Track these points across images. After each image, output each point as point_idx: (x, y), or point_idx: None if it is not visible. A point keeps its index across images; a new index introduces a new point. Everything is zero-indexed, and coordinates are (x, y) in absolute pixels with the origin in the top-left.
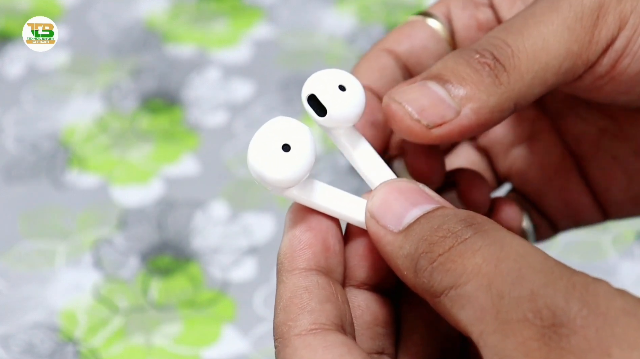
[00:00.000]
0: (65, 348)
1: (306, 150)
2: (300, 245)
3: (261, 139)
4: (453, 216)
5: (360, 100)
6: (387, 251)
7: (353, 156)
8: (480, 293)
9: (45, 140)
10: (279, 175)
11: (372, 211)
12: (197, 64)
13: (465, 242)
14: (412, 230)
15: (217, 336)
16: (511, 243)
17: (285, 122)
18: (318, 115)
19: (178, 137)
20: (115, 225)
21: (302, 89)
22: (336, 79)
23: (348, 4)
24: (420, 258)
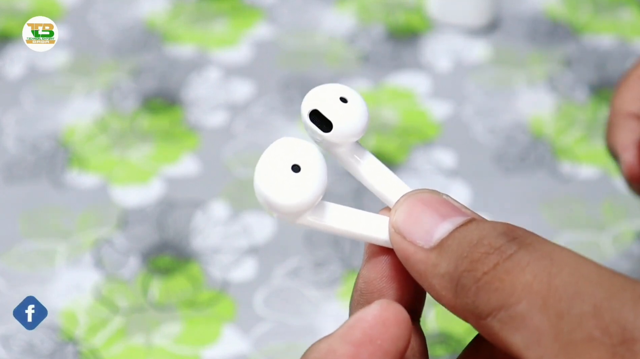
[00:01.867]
0: (66, 348)
1: (318, 170)
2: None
3: (268, 161)
4: (491, 229)
5: (364, 111)
6: (420, 270)
7: (362, 173)
8: (535, 313)
9: (45, 140)
10: (291, 199)
11: (398, 227)
12: (197, 64)
13: (511, 258)
14: (446, 246)
15: (217, 336)
16: (561, 256)
17: (293, 141)
18: (323, 131)
19: (178, 137)
20: (115, 225)
21: (302, 107)
22: (336, 92)
23: (348, 4)
24: (461, 277)
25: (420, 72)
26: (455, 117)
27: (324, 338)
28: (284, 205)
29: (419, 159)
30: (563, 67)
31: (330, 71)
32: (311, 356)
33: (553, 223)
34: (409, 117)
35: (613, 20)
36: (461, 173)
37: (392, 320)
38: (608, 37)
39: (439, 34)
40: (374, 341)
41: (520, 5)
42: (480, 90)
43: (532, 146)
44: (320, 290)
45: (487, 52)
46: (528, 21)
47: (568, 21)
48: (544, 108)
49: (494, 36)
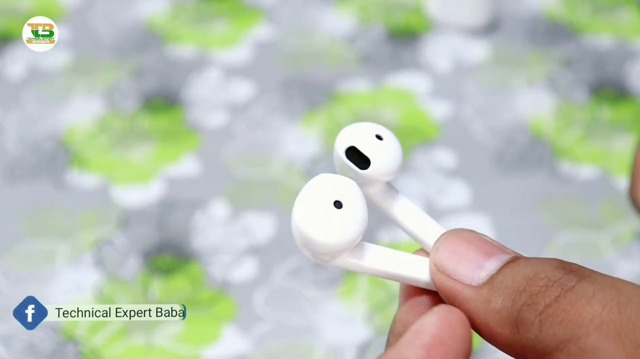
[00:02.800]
0: (66, 347)
1: (360, 207)
2: None
3: (309, 196)
4: (545, 263)
5: (399, 150)
6: (471, 308)
7: (396, 213)
8: (609, 344)
9: (46, 141)
10: (333, 237)
11: (442, 265)
12: (198, 65)
13: (573, 290)
14: (498, 281)
15: (217, 335)
16: (625, 286)
17: (334, 177)
18: (360, 169)
19: (178, 137)
20: (115, 224)
21: (337, 143)
22: (372, 130)
23: (348, 5)
24: (521, 311)
25: (420, 72)
26: (455, 117)
27: (388, 350)
28: (324, 244)
29: (419, 159)
30: (562, 67)
31: (330, 71)
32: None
33: (552, 223)
34: (409, 117)
35: (612, 21)
36: (461, 173)
37: (457, 321)
38: (607, 37)
39: (438, 34)
40: (444, 343)
41: (520, 5)
42: (480, 91)
43: (531, 146)
44: (320, 290)
45: (486, 52)
46: (528, 21)
47: (567, 21)
48: (544, 109)
49: (494, 36)
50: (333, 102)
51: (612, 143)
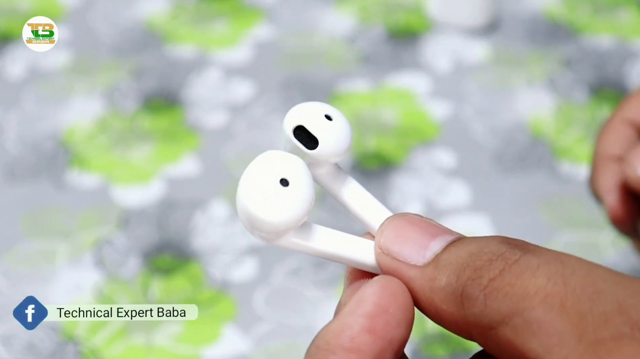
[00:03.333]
0: (66, 347)
1: (307, 186)
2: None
3: (255, 174)
4: (489, 240)
5: (348, 131)
6: (416, 287)
7: (344, 196)
8: (553, 316)
9: (46, 141)
10: (278, 216)
11: (387, 247)
12: (198, 65)
13: (518, 263)
14: (443, 259)
15: (217, 335)
16: (569, 258)
17: (281, 155)
18: (308, 149)
19: (178, 137)
20: (115, 224)
21: (285, 122)
22: (321, 110)
23: (348, 5)
24: (466, 286)
25: (420, 72)
26: (455, 117)
27: (332, 320)
28: (269, 222)
29: (419, 159)
30: (562, 67)
31: (330, 71)
32: (323, 339)
33: (552, 223)
34: (409, 117)
35: (612, 21)
36: (461, 173)
37: (398, 290)
38: (607, 37)
39: (438, 34)
40: (386, 311)
41: (520, 5)
42: (480, 91)
43: (531, 146)
44: (320, 289)
45: (486, 52)
46: (527, 21)
47: (567, 21)
48: (544, 109)
49: (494, 36)
50: (333, 102)
51: None
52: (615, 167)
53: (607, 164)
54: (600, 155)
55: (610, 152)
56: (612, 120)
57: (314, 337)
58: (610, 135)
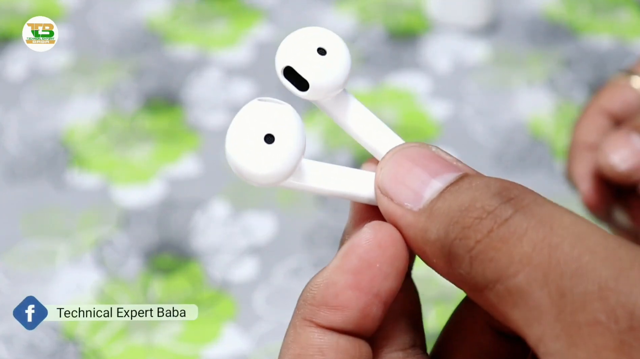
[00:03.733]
0: (67, 347)
1: (293, 139)
2: (335, 301)
3: (239, 129)
4: (484, 188)
5: (345, 61)
6: (409, 236)
7: (349, 124)
8: (535, 288)
9: (46, 141)
10: (265, 171)
11: (384, 188)
12: (198, 65)
13: (507, 224)
14: (436, 208)
15: (217, 335)
16: (561, 222)
17: (265, 106)
18: (299, 90)
19: (179, 137)
20: (116, 224)
21: (275, 60)
22: (313, 42)
23: (348, 5)
24: (453, 245)
25: (420, 73)
26: (455, 117)
27: (320, 272)
28: (256, 179)
29: None
30: (562, 67)
31: None
32: (310, 293)
33: None
34: (409, 117)
35: (611, 21)
36: None
37: (387, 241)
38: (607, 38)
39: (438, 35)
40: (372, 266)
41: (520, 5)
42: (480, 91)
43: (531, 146)
44: None
45: (486, 52)
46: (527, 22)
47: (567, 22)
48: (544, 109)
49: (494, 37)
50: None
51: None
52: (590, 155)
53: (582, 152)
54: (575, 144)
55: (585, 140)
56: (588, 109)
57: (304, 288)
58: (585, 124)
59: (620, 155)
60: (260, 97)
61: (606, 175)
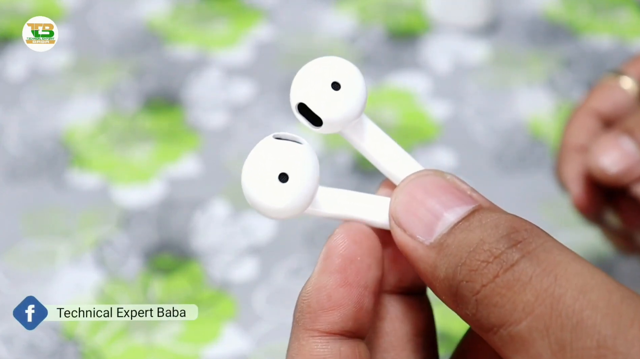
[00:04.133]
0: (67, 347)
1: (308, 176)
2: (330, 302)
3: (255, 168)
4: (493, 228)
5: (360, 95)
6: (420, 269)
7: (365, 149)
8: (536, 338)
9: (46, 141)
10: (279, 210)
11: (397, 218)
12: (198, 65)
13: (512, 270)
14: (446, 245)
15: (217, 335)
16: (566, 272)
17: (279, 145)
18: (313, 125)
19: (179, 137)
20: (116, 224)
21: (290, 95)
22: (327, 76)
23: (348, 5)
24: (460, 286)
25: (420, 73)
26: (455, 117)
27: (307, 282)
28: (270, 215)
29: (419, 159)
30: (562, 68)
31: None
32: (304, 303)
33: (552, 223)
34: (409, 117)
35: (611, 21)
36: (461, 173)
37: (360, 236)
38: (607, 38)
39: (438, 35)
40: (354, 260)
41: (520, 5)
42: (480, 91)
43: (531, 146)
44: None
45: (486, 52)
46: (527, 22)
47: (567, 22)
48: (543, 109)
49: (494, 37)
50: None
51: None
52: (580, 156)
53: (572, 154)
54: (565, 145)
55: (574, 141)
56: (578, 110)
57: (297, 300)
58: (575, 125)
59: (610, 158)
60: (276, 134)
61: (596, 177)
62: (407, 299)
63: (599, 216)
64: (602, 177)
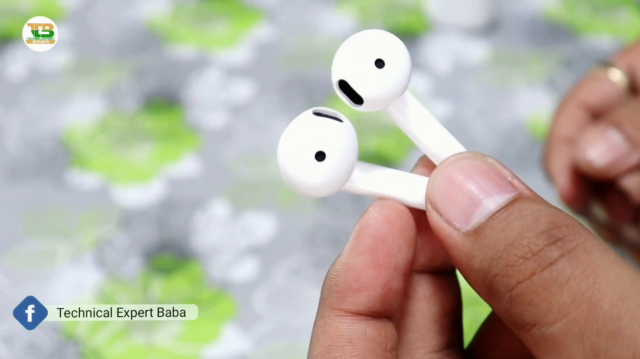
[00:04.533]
0: (67, 347)
1: (345, 156)
2: (358, 283)
3: (292, 144)
4: (533, 222)
5: (404, 73)
6: (455, 257)
7: (410, 129)
8: (569, 341)
9: (47, 141)
10: (316, 188)
11: (434, 202)
12: (198, 65)
13: (550, 268)
14: (483, 235)
15: (217, 335)
16: (606, 275)
17: (316, 121)
18: (354, 103)
19: (179, 137)
20: (116, 224)
21: (332, 70)
22: (372, 53)
23: (348, 5)
24: (494, 280)
25: (419, 73)
26: (455, 117)
27: (337, 259)
28: (308, 190)
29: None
30: (562, 67)
31: (330, 71)
32: (332, 281)
33: None
34: None
35: (611, 21)
36: None
37: (394, 215)
38: (607, 38)
39: (438, 35)
40: (385, 241)
41: (520, 5)
42: (480, 91)
43: (531, 146)
44: (320, 289)
45: (486, 52)
46: (527, 22)
47: (567, 22)
48: (543, 109)
49: (494, 37)
50: (333, 102)
51: None
52: (567, 148)
53: (559, 146)
54: (552, 137)
55: (562, 133)
56: (566, 102)
57: (326, 277)
58: (562, 117)
59: (597, 151)
60: (315, 108)
61: (583, 170)
62: (436, 279)
63: (585, 208)
64: (588, 169)
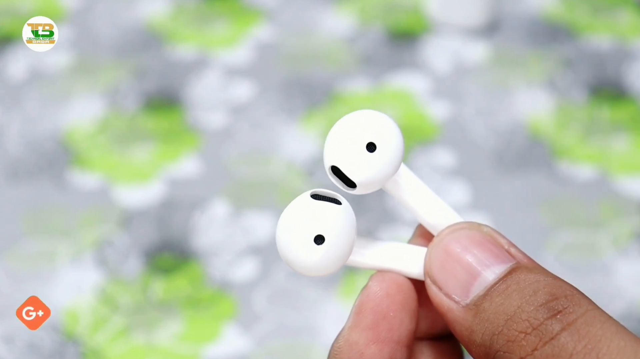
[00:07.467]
0: (67, 347)
1: (342, 239)
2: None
3: (290, 230)
4: (532, 295)
5: (396, 155)
6: (456, 331)
7: (405, 201)
8: None
9: (47, 141)
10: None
11: (432, 276)
12: (198, 65)
13: (551, 343)
14: (482, 309)
15: (217, 334)
16: (609, 349)
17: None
18: (348, 187)
19: (179, 137)
20: (116, 224)
21: (324, 156)
22: (362, 137)
23: (348, 5)
24: (497, 356)
25: (419, 73)
26: (455, 117)
27: (339, 334)
28: (307, 272)
29: (419, 159)
30: (562, 68)
31: (330, 72)
32: (336, 357)
33: (551, 223)
34: (409, 117)
35: (611, 21)
36: (461, 173)
37: (394, 289)
38: (606, 38)
39: (438, 35)
40: (386, 316)
41: (520, 6)
42: (480, 91)
43: (531, 146)
44: (320, 289)
45: (486, 52)
46: (527, 22)
47: (567, 22)
48: (543, 109)
49: (493, 37)
50: (333, 102)
51: (611, 143)
52: None
53: None
54: None
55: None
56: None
57: (329, 352)
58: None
59: None
60: (314, 191)
61: None
62: (439, 344)
63: None
64: None
